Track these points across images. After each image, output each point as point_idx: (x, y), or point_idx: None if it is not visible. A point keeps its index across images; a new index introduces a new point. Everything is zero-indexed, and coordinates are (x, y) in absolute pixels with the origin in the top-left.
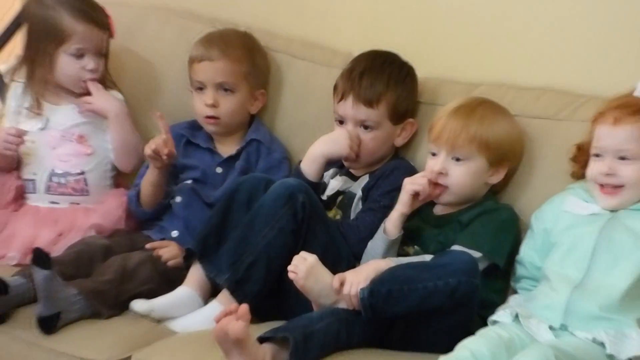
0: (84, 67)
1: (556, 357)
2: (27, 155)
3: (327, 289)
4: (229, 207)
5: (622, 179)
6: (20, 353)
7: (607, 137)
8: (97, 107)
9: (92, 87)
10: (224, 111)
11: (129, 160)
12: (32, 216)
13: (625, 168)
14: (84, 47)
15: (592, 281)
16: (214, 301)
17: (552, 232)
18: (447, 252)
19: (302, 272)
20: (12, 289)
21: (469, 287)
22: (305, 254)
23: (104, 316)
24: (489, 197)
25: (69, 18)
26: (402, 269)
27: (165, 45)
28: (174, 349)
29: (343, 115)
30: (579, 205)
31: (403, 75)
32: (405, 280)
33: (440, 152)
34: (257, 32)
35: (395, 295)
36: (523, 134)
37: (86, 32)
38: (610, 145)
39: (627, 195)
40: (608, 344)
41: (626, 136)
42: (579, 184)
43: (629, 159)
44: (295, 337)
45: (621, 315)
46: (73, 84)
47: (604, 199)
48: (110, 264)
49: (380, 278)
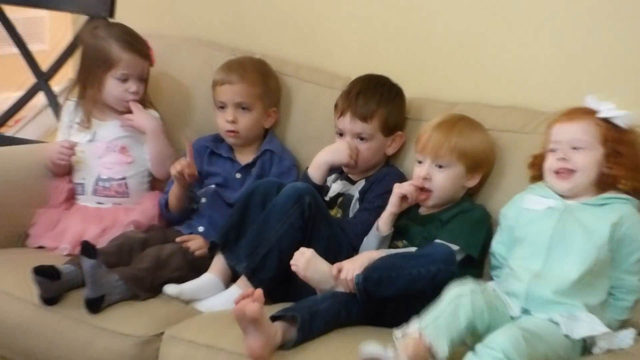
0: (127, 89)
1: (523, 336)
2: (77, 163)
3: (326, 277)
4: (247, 206)
5: (575, 165)
6: (70, 329)
7: (562, 131)
8: (137, 124)
9: (133, 107)
10: (242, 126)
11: (162, 169)
12: (81, 214)
13: (577, 155)
14: (128, 72)
15: (548, 271)
16: (233, 286)
17: (514, 228)
18: (429, 245)
19: (302, 264)
20: (64, 275)
21: (447, 274)
22: (304, 249)
23: (141, 298)
24: (465, 198)
25: (117, 48)
26: (391, 258)
27: (193, 70)
28: (199, 326)
29: (342, 128)
30: (536, 202)
31: (393, 95)
32: (393, 267)
33: (426, 160)
34: (271, 59)
35: (385, 281)
36: (495, 144)
37: (131, 61)
38: (564, 137)
39: (579, 179)
40: (562, 325)
41: (578, 129)
42: (537, 183)
43: (581, 148)
44: (302, 315)
45: (573, 300)
46: (117, 104)
47: (559, 183)
48: (146, 254)
49: (373, 266)
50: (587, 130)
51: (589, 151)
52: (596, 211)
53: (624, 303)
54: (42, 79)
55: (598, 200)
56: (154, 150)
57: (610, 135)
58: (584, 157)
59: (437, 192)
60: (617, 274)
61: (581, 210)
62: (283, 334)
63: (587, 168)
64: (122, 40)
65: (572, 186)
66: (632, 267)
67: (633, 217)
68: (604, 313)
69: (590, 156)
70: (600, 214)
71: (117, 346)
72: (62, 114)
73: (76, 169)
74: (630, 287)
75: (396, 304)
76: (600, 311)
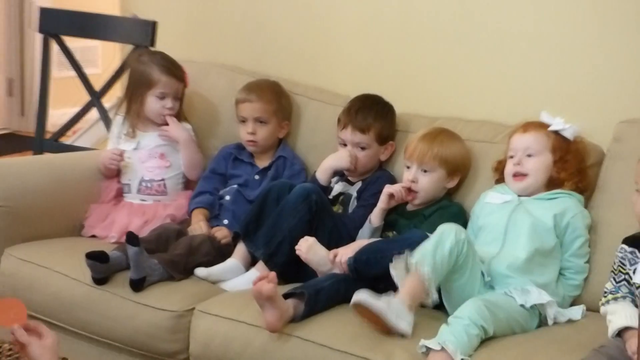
0: (164, 106)
1: (485, 305)
2: (124, 167)
3: (324, 260)
4: (264, 203)
5: (527, 169)
6: (117, 305)
7: (518, 141)
8: (172, 134)
9: (169, 120)
10: (260, 137)
11: (194, 172)
12: (127, 209)
13: (529, 161)
14: (165, 92)
15: (504, 252)
16: (252, 269)
17: (479, 218)
18: (407, 231)
19: (304, 249)
20: (112, 260)
21: None
22: (307, 237)
23: (176, 279)
24: (445, 197)
25: (158, 71)
26: (376, 243)
27: (220, 90)
28: (224, 303)
29: (344, 139)
30: (496, 197)
31: (386, 111)
32: (377, 250)
33: (412, 166)
34: (284, 81)
35: (372, 261)
36: (470, 152)
37: (168, 82)
38: (519, 146)
39: (531, 180)
40: (516, 295)
41: (531, 139)
42: (500, 184)
43: (533, 156)
44: (309, 291)
45: (523, 277)
46: (156, 117)
47: (515, 184)
48: (180, 242)
49: (361, 250)
50: (539, 140)
51: (540, 157)
52: (544, 204)
53: (574, 282)
54: (95, 97)
55: (546, 195)
56: (186, 156)
57: (558, 145)
58: (535, 163)
59: (422, 193)
60: (566, 257)
61: (531, 203)
62: (294, 308)
63: (538, 171)
64: (161, 65)
65: (525, 187)
66: (577, 251)
67: (575, 208)
68: (557, 290)
69: (541, 162)
70: (547, 206)
71: (156, 319)
72: (112, 126)
73: (123, 172)
74: (578, 269)
75: (385, 281)
76: (553, 288)
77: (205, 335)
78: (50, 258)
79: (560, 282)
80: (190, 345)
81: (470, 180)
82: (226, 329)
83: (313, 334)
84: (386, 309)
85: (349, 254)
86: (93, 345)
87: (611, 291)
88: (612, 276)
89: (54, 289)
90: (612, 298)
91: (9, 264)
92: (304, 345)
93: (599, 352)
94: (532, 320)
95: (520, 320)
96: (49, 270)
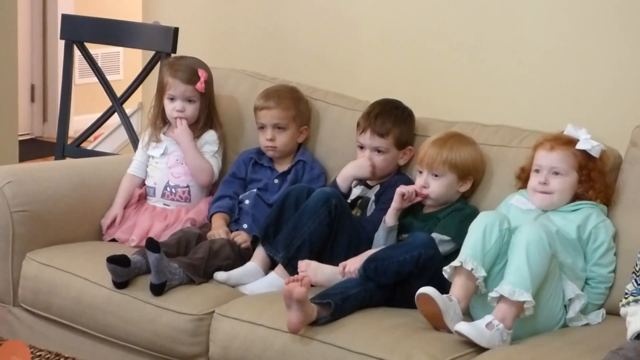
0: (174, 108)
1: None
2: (151, 169)
3: (332, 276)
4: (283, 207)
5: (552, 188)
6: (138, 308)
7: (545, 158)
8: (175, 136)
9: (177, 123)
10: (279, 143)
11: (200, 177)
12: (150, 212)
13: (555, 180)
14: (172, 94)
15: None
16: (272, 272)
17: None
18: (412, 235)
19: (311, 273)
20: (133, 264)
21: (428, 255)
22: (306, 261)
23: (196, 283)
24: (460, 200)
25: (167, 74)
26: (383, 250)
27: (242, 95)
28: (243, 306)
29: (363, 143)
30: (522, 202)
31: (405, 116)
32: (384, 258)
33: (424, 171)
34: (303, 87)
35: (380, 269)
36: (484, 156)
37: (174, 84)
38: (546, 163)
39: (556, 199)
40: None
41: (558, 158)
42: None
43: (560, 174)
44: (336, 301)
45: None
46: (171, 120)
47: (539, 199)
48: (200, 246)
49: (368, 259)
50: (566, 159)
51: (566, 177)
52: (567, 215)
53: (598, 291)
54: (116, 103)
55: (570, 207)
56: (187, 162)
57: (585, 163)
58: (561, 183)
59: (434, 196)
60: (589, 266)
61: (555, 215)
62: (318, 313)
63: (564, 191)
64: (171, 69)
65: (549, 204)
66: (599, 260)
67: (597, 218)
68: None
69: (567, 181)
70: (570, 218)
71: (176, 322)
72: (142, 135)
73: (150, 175)
74: (601, 279)
75: (401, 286)
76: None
77: (225, 338)
78: (71, 262)
79: (585, 290)
80: (210, 348)
81: (486, 184)
82: (246, 331)
83: (332, 337)
84: (445, 308)
85: (357, 265)
86: (114, 348)
87: (632, 293)
88: (634, 277)
89: (75, 293)
90: (633, 300)
91: (30, 268)
92: (323, 347)
93: (617, 354)
94: (561, 317)
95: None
96: (70, 274)
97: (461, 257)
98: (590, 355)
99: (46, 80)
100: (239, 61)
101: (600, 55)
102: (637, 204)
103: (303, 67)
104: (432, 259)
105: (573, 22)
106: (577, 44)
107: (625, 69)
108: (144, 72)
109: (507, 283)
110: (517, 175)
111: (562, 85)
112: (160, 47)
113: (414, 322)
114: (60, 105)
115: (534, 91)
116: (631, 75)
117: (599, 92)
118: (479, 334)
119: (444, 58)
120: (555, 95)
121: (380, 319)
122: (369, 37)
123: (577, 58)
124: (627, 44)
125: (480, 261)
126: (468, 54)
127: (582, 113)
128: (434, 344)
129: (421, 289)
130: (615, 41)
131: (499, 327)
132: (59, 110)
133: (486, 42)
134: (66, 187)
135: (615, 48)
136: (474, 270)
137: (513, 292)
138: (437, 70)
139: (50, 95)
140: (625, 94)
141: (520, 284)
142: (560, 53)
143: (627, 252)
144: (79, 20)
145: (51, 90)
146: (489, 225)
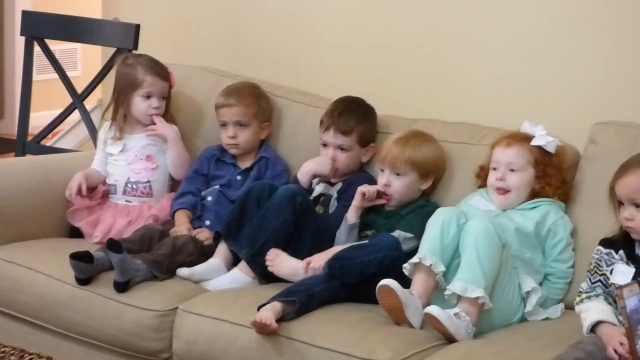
0: (150, 105)
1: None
2: (111, 167)
3: (294, 270)
4: (245, 203)
5: (509, 184)
6: (101, 305)
7: (502, 154)
8: (160, 132)
9: (156, 119)
10: (241, 140)
11: (180, 171)
12: (112, 209)
13: (512, 176)
14: (150, 91)
15: None
16: (235, 269)
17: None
18: (377, 236)
19: (277, 264)
20: (96, 260)
21: (392, 258)
22: (274, 251)
23: (159, 279)
24: (422, 198)
25: (142, 71)
26: (348, 250)
27: (203, 92)
28: (207, 302)
29: (327, 141)
30: (481, 203)
31: (368, 113)
32: (349, 257)
33: (386, 170)
34: (266, 84)
35: (345, 268)
36: (445, 154)
37: (152, 81)
38: (503, 160)
39: (513, 197)
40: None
41: (514, 154)
42: (483, 189)
43: (516, 170)
44: (301, 299)
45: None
46: (143, 118)
47: (498, 199)
48: (164, 242)
49: (334, 257)
50: (522, 154)
51: (523, 173)
52: (526, 213)
53: (558, 286)
54: (77, 99)
55: (528, 205)
56: (173, 154)
57: (540, 159)
58: (518, 179)
59: (396, 195)
60: (549, 263)
61: (514, 213)
62: (283, 309)
63: (521, 188)
64: (146, 66)
65: (508, 203)
66: (558, 256)
67: (556, 215)
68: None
69: (524, 177)
70: (529, 215)
71: (140, 318)
72: (99, 132)
73: (110, 173)
74: (560, 274)
75: (365, 285)
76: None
77: (189, 334)
78: (34, 258)
79: (545, 285)
80: (174, 344)
81: (447, 181)
82: (210, 327)
83: (296, 332)
84: (406, 301)
85: (322, 261)
86: (77, 345)
87: (586, 291)
88: (588, 276)
89: (38, 290)
90: (586, 297)
91: None
92: (287, 342)
93: (576, 348)
94: (518, 309)
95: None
96: (33, 270)
97: (420, 254)
98: (551, 349)
99: (2, 77)
100: (201, 58)
101: (559, 54)
102: (595, 201)
103: (266, 64)
104: (396, 261)
105: (532, 21)
106: (536, 42)
107: (584, 67)
108: (105, 68)
109: (459, 280)
110: (476, 174)
111: (522, 83)
112: (121, 43)
113: (376, 317)
114: (20, 102)
115: (495, 89)
116: (590, 73)
117: (558, 90)
118: (448, 318)
119: (405, 56)
120: (515, 94)
121: (343, 314)
122: (331, 35)
123: (537, 57)
124: (585, 43)
125: (439, 256)
126: (429, 52)
127: (541, 111)
128: (397, 339)
129: (382, 281)
130: (574, 40)
131: (466, 319)
132: (19, 107)
133: (447, 40)
134: (29, 184)
135: (574, 47)
136: (433, 265)
137: (465, 289)
138: (398, 67)
139: (7, 91)
140: (583, 92)
141: (472, 280)
142: (520, 51)
143: (585, 248)
144: (40, 17)
145: (7, 87)
146: (446, 221)
